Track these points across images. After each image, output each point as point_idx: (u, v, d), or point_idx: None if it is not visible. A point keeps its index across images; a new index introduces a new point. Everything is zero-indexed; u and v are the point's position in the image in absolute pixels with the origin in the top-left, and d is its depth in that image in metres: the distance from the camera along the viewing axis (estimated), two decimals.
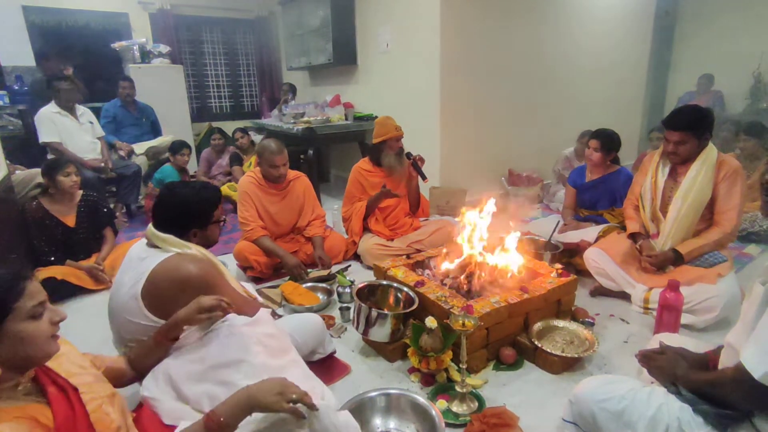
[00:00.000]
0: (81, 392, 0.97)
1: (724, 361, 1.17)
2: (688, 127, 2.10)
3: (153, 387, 1.27)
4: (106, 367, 1.24)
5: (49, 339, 0.92)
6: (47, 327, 0.91)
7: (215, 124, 6.00)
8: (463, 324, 1.55)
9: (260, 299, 1.96)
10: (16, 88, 4.35)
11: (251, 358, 1.27)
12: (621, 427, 1.17)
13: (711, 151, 2.15)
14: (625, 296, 2.36)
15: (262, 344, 1.33)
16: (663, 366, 1.25)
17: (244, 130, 4.80)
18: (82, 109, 3.89)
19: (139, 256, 1.51)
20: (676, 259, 2.20)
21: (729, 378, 1.07)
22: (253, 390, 1.07)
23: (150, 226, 1.54)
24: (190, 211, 1.56)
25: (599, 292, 2.46)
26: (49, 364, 0.96)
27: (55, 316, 0.94)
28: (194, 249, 1.52)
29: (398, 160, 2.92)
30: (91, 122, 3.95)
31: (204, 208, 1.59)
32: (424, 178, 2.93)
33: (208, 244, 1.63)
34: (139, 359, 1.34)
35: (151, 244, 1.53)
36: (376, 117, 4.41)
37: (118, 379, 1.27)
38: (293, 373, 1.29)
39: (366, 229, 3.02)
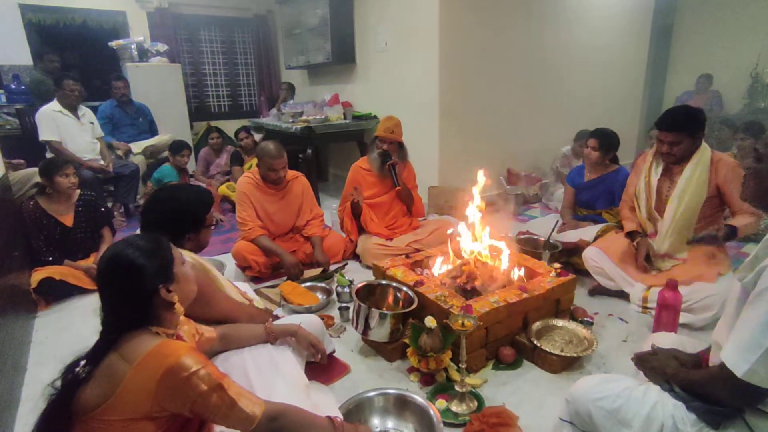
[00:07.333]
0: None
1: (713, 359, 1.17)
2: (682, 127, 2.11)
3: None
4: (202, 336, 1.33)
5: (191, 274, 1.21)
6: (189, 267, 1.22)
7: (213, 123, 5.99)
8: (463, 324, 1.55)
9: (258, 299, 1.96)
10: (13, 87, 4.34)
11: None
12: (617, 426, 1.17)
13: (705, 151, 2.16)
14: (623, 295, 2.36)
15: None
16: (655, 366, 1.27)
17: (248, 130, 4.75)
18: (83, 110, 3.87)
19: None
20: (730, 234, 2.03)
21: (714, 376, 1.08)
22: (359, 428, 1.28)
23: (138, 233, 1.52)
24: (188, 213, 1.56)
25: (598, 291, 2.47)
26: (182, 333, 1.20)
27: (187, 265, 1.21)
28: (186, 255, 1.50)
29: (376, 160, 2.94)
30: (91, 122, 3.93)
31: (200, 210, 1.61)
32: (396, 184, 2.94)
33: (200, 248, 1.63)
34: (234, 340, 1.45)
35: None
36: (375, 116, 4.42)
37: (206, 350, 1.36)
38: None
39: (363, 230, 3.02)
